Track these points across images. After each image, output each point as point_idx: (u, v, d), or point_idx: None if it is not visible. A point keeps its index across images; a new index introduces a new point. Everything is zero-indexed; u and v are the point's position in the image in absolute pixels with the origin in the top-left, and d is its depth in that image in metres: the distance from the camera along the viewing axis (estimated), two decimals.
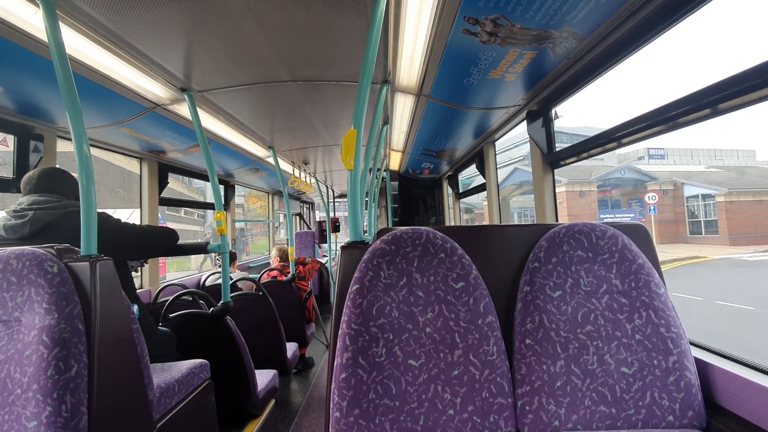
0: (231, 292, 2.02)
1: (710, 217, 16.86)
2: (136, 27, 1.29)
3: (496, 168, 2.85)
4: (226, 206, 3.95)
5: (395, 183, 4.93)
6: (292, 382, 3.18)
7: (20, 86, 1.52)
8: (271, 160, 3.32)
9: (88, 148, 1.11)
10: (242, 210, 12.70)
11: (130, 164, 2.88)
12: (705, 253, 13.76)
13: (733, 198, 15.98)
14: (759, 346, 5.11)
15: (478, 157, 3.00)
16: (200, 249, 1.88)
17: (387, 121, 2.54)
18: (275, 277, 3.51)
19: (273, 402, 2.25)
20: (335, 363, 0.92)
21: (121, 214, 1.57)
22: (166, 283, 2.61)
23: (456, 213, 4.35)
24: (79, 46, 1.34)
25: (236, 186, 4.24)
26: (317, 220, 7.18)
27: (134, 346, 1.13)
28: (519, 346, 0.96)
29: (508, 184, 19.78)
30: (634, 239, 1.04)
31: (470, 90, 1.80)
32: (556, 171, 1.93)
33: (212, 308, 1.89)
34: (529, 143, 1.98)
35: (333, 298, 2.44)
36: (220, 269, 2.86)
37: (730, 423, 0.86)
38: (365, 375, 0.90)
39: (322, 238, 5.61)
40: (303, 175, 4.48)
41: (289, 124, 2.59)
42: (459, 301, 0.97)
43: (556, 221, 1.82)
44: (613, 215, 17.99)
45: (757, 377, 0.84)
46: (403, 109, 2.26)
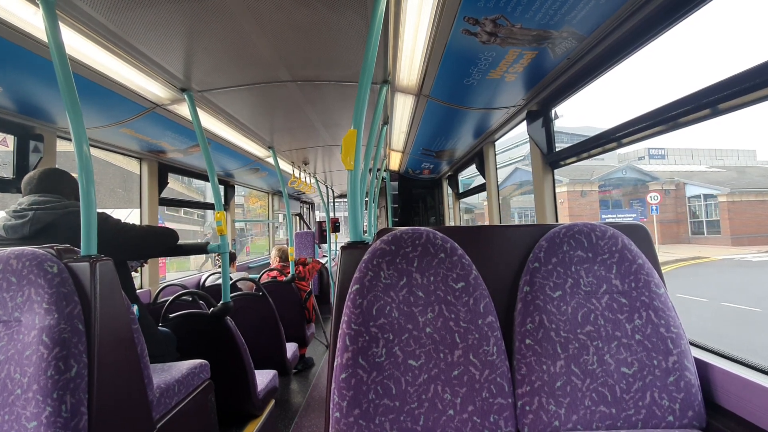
0: (231, 293, 2.02)
1: (712, 217, 16.80)
2: (136, 27, 1.29)
3: (496, 168, 2.85)
4: (226, 206, 3.95)
5: (395, 183, 4.92)
6: (292, 383, 3.17)
7: (20, 86, 1.52)
8: (271, 160, 3.32)
9: (88, 148, 1.11)
10: (242, 210, 12.70)
11: (129, 164, 2.88)
12: (707, 254, 13.72)
13: (736, 198, 15.91)
14: None
15: (478, 158, 3.00)
16: (200, 249, 1.88)
17: (387, 121, 2.54)
18: (275, 277, 3.51)
19: (273, 402, 2.25)
20: (335, 363, 0.92)
21: (119, 214, 1.57)
22: (166, 284, 2.61)
23: (456, 213, 4.35)
24: (79, 46, 1.34)
25: (236, 186, 4.24)
26: (317, 220, 7.18)
27: (134, 347, 1.13)
28: (519, 346, 0.96)
29: (508, 184, 19.78)
30: (634, 239, 1.04)
31: (470, 90, 1.80)
32: (557, 171, 1.93)
33: (212, 308, 1.89)
34: (529, 143, 1.98)
35: (333, 298, 2.43)
36: (219, 269, 2.86)
37: (730, 423, 0.86)
38: (365, 375, 0.90)
39: (322, 239, 5.60)
40: (303, 175, 4.48)
41: (289, 124, 2.59)
42: (459, 302, 0.97)
43: (556, 221, 1.82)
44: (614, 215, 17.96)
45: (757, 377, 0.84)
46: (403, 109, 2.26)
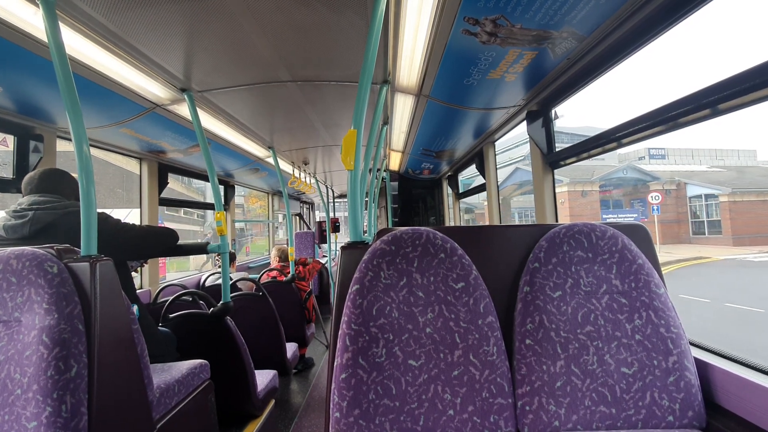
0: (231, 293, 2.02)
1: (713, 217, 16.75)
2: (136, 27, 1.29)
3: (496, 168, 2.85)
4: (226, 206, 3.95)
5: (395, 183, 4.92)
6: (292, 383, 3.17)
7: (20, 86, 1.52)
8: (270, 161, 3.32)
9: (88, 149, 1.11)
10: (242, 210, 12.69)
11: (129, 164, 2.88)
12: (709, 254, 13.68)
13: (737, 198, 15.85)
14: None
15: (478, 158, 3.00)
16: (200, 249, 1.88)
17: (387, 121, 2.54)
18: (275, 277, 3.51)
19: (273, 402, 2.25)
20: (335, 363, 0.92)
21: (118, 214, 1.57)
22: (166, 284, 2.61)
23: (456, 213, 4.35)
24: (79, 46, 1.34)
25: (236, 186, 4.24)
26: (317, 220, 7.18)
27: (134, 347, 1.13)
28: (519, 346, 0.96)
29: (509, 184, 19.76)
30: (634, 239, 1.04)
31: (470, 90, 1.80)
32: (557, 171, 1.93)
33: (212, 308, 1.89)
34: (529, 143, 1.98)
35: (333, 299, 2.43)
36: (219, 270, 2.86)
37: (730, 423, 0.86)
38: (365, 375, 0.90)
39: (322, 239, 5.60)
40: (303, 175, 4.48)
41: (289, 124, 2.59)
42: (459, 302, 0.97)
43: (556, 221, 1.82)
44: (615, 215, 17.92)
45: (757, 377, 0.84)
46: (403, 109, 2.26)
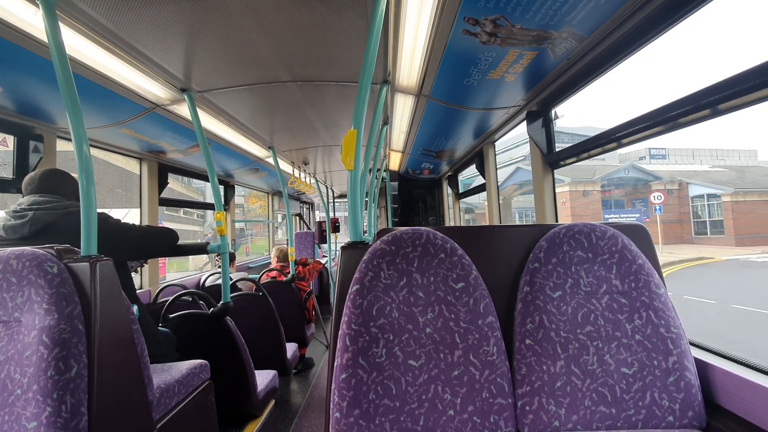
0: (231, 293, 2.02)
1: (715, 217, 16.68)
2: (136, 27, 1.29)
3: (496, 168, 2.85)
4: (226, 206, 3.95)
5: (395, 183, 4.92)
6: (292, 383, 3.17)
7: (20, 86, 1.52)
8: (270, 161, 3.32)
9: (88, 149, 1.11)
10: (242, 210, 12.69)
11: (129, 164, 2.88)
12: (712, 254, 13.61)
13: (739, 198, 15.74)
14: None
15: (478, 158, 3.00)
16: (200, 249, 1.88)
17: (387, 121, 2.54)
18: (275, 277, 3.51)
19: (273, 402, 2.25)
20: (335, 363, 0.92)
21: (116, 214, 1.57)
22: (166, 284, 2.61)
23: (456, 213, 4.35)
24: (78, 46, 1.34)
25: (236, 186, 4.25)
26: (317, 220, 7.18)
27: (134, 347, 1.13)
28: (519, 346, 0.96)
29: (509, 184, 19.74)
30: (634, 240, 1.04)
31: (470, 90, 1.80)
32: (558, 171, 1.93)
33: (212, 309, 1.89)
34: (529, 143, 1.98)
35: (333, 299, 2.43)
36: (219, 270, 2.86)
37: (730, 423, 0.86)
38: (365, 375, 0.90)
39: (322, 239, 5.60)
40: (303, 175, 4.48)
41: (289, 124, 2.59)
42: (459, 302, 0.97)
43: (556, 221, 1.82)
44: (617, 215, 17.82)
45: (757, 377, 0.84)
46: (403, 109, 2.26)
